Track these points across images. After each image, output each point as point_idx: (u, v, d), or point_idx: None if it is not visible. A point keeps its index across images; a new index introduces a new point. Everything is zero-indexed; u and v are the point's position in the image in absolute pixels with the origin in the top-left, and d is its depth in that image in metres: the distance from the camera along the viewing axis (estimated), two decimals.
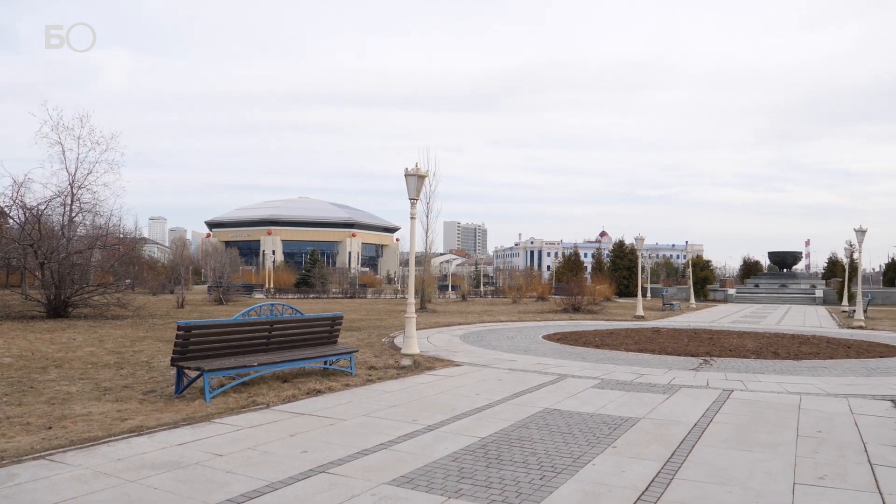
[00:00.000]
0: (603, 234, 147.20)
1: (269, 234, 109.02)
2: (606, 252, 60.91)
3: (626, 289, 51.02)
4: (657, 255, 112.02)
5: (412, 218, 12.11)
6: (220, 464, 5.60)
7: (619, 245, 57.46)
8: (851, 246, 29.88)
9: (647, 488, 5.13)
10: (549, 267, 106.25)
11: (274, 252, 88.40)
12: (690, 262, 44.62)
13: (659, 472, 5.57)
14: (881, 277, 63.12)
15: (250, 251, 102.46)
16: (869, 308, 32.97)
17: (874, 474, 5.57)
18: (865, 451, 6.33)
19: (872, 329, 22.30)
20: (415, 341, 11.75)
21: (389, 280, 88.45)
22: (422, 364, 11.53)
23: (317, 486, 5.10)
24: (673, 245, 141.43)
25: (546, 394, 9.14)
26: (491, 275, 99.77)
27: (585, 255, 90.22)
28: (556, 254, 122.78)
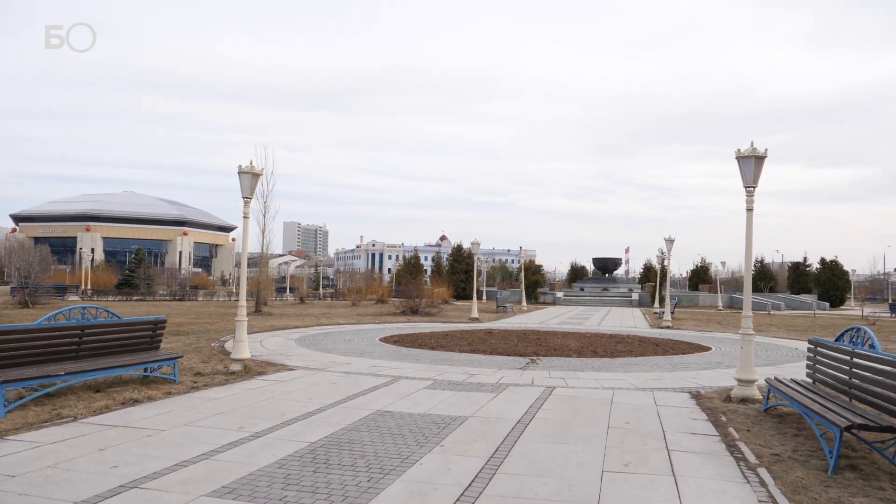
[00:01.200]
0: (443, 238, 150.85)
1: (88, 230, 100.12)
2: (446, 256, 62.39)
3: (464, 291, 52.61)
4: (493, 260, 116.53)
5: (245, 217, 11.67)
6: (13, 486, 5.04)
7: (458, 249, 59.14)
8: (662, 253, 32.99)
9: (470, 484, 5.30)
10: (389, 269, 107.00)
11: (93, 250, 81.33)
12: (523, 267, 46.86)
13: (483, 467, 5.78)
14: (687, 282, 70.25)
15: (65, 249, 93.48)
16: (676, 309, 36.48)
17: (670, 459, 6.16)
18: (664, 438, 6.98)
19: (678, 329, 24.68)
20: (245, 345, 11.31)
21: (224, 281, 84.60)
22: (252, 369, 11.13)
23: (127, 503, 4.74)
24: (508, 250, 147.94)
25: (379, 396, 9.17)
26: (331, 277, 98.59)
27: (426, 258, 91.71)
28: (398, 256, 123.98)
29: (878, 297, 77.09)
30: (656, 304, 40.95)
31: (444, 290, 42.91)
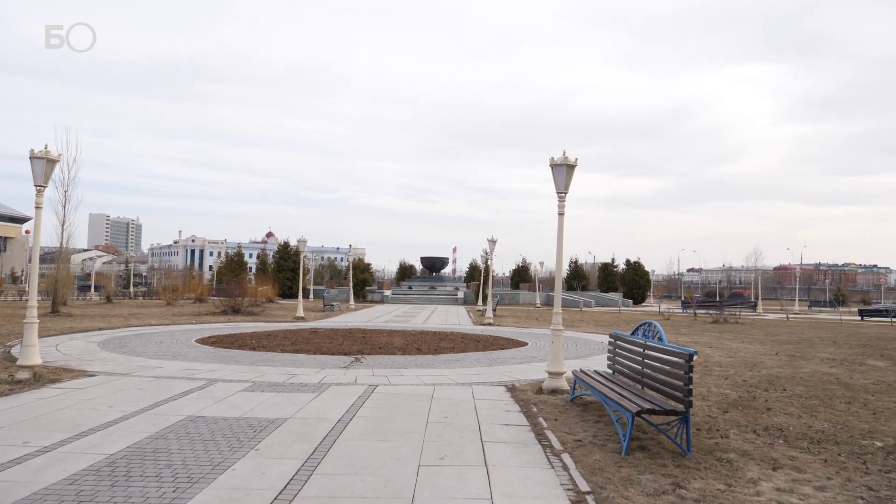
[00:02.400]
0: (270, 234, 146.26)
1: None
2: (272, 253, 60.52)
3: (291, 290, 51.31)
4: (323, 258, 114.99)
5: (38, 208, 10.48)
6: None
7: (285, 246, 57.58)
8: (486, 254, 34.32)
9: (285, 487, 5.15)
10: (210, 267, 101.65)
11: None
12: (352, 265, 46.68)
13: (299, 469, 5.64)
14: (510, 281, 73.86)
15: None
16: (498, 307, 38.20)
17: (484, 450, 6.41)
18: (480, 430, 7.26)
19: (499, 325, 25.86)
20: (36, 350, 10.16)
21: (14, 279, 75.75)
22: (44, 377, 10.03)
23: None
24: (338, 248, 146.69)
25: (192, 401, 8.66)
26: (145, 274, 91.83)
27: (251, 255, 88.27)
28: (220, 253, 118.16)
29: (673, 294, 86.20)
30: (480, 301, 42.61)
31: (269, 289, 41.59)
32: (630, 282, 62.52)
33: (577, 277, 65.92)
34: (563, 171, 10.23)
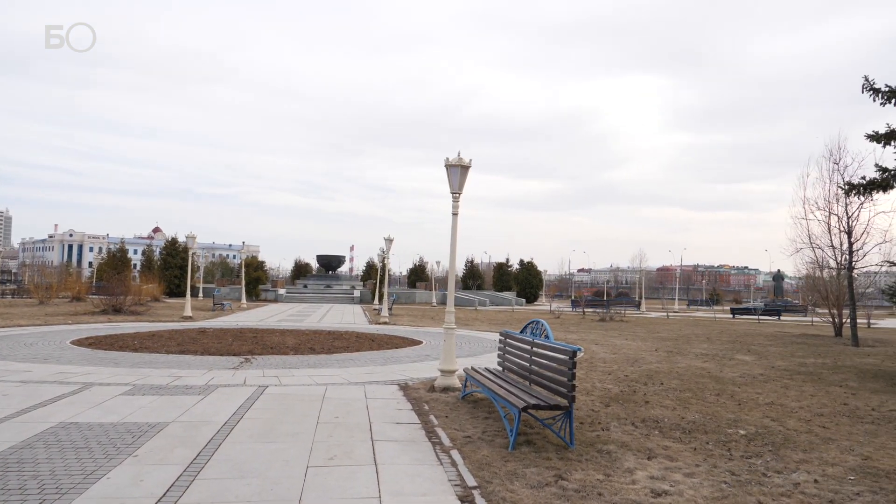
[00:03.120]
0: (156, 230, 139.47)
1: None
2: (159, 249, 57.73)
3: (178, 288, 49.17)
4: (214, 255, 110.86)
5: None
6: None
7: (173, 242, 55.05)
8: (383, 252, 34.22)
9: (164, 494, 4.94)
10: (90, 263, 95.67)
11: None
12: (244, 263, 45.29)
13: (181, 475, 5.43)
14: (407, 280, 74.09)
15: None
16: (394, 306, 38.22)
17: (374, 449, 6.42)
18: (371, 429, 7.25)
19: (395, 324, 25.89)
20: None
21: None
22: None
23: None
24: (230, 245, 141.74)
25: (64, 406, 8.13)
26: (14, 271, 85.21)
27: (135, 251, 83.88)
28: (101, 249, 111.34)
29: (564, 293, 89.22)
30: (376, 300, 42.46)
31: (154, 287, 39.62)
32: (524, 281, 64.23)
33: (472, 277, 67.02)
34: (458, 171, 10.38)
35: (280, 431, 7.08)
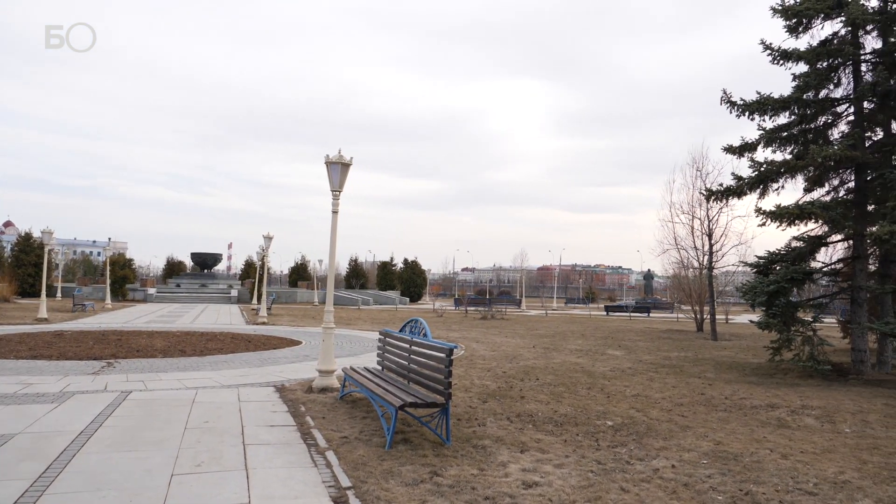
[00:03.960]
0: (8, 224, 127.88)
1: None
2: (10, 245, 53.00)
3: (33, 288, 45.34)
4: (75, 252, 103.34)
5: None
6: None
7: (27, 238, 50.66)
8: (263, 250, 33.17)
9: None
10: None
11: None
12: (109, 261, 42.46)
13: (26, 490, 4.97)
14: (288, 278, 72.30)
15: None
16: (274, 306, 37.18)
17: (246, 453, 6.17)
18: (243, 434, 6.98)
19: (273, 325, 25.17)
20: None
21: None
22: None
23: None
24: (94, 241, 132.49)
25: None
26: None
27: None
28: None
29: (448, 292, 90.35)
30: (255, 300, 41.13)
31: (5, 287, 36.37)
32: (408, 280, 64.43)
33: (356, 276, 66.47)
34: (339, 169, 10.22)
35: (143, 439, 6.66)
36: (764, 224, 13.81)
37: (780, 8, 14.48)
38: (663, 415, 8.71)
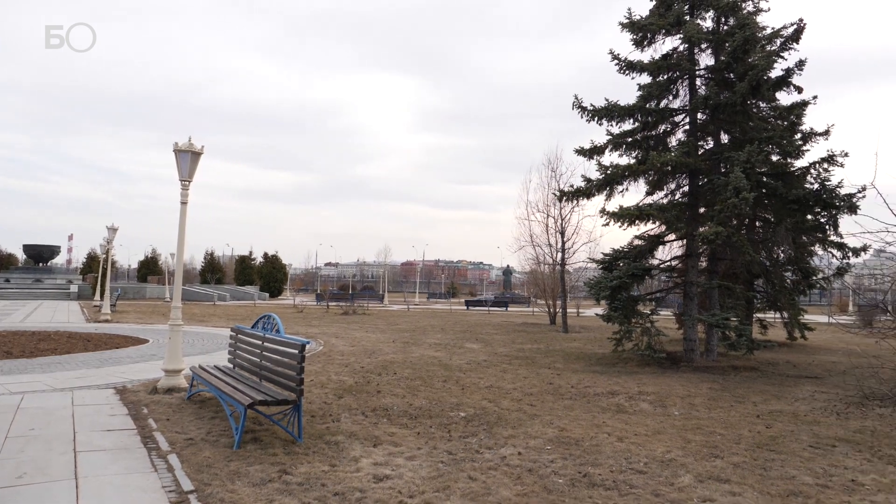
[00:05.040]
0: None
1: None
2: None
3: None
4: None
5: None
6: None
7: None
8: (107, 242, 30.89)
9: None
10: None
11: None
12: None
13: None
14: (136, 273, 67.82)
15: None
16: (120, 302, 34.79)
17: (76, 461, 5.72)
18: (75, 440, 6.46)
19: (118, 322, 23.52)
20: None
21: None
22: None
23: None
24: None
25: None
26: None
27: None
28: None
29: (310, 288, 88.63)
30: (98, 296, 38.25)
31: None
32: (267, 275, 62.57)
33: (212, 270, 63.66)
34: (188, 157, 9.72)
35: None
36: (608, 224, 14.72)
37: (627, 22, 15.48)
38: (513, 404, 9.06)
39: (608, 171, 15.25)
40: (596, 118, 15.70)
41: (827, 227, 15.61)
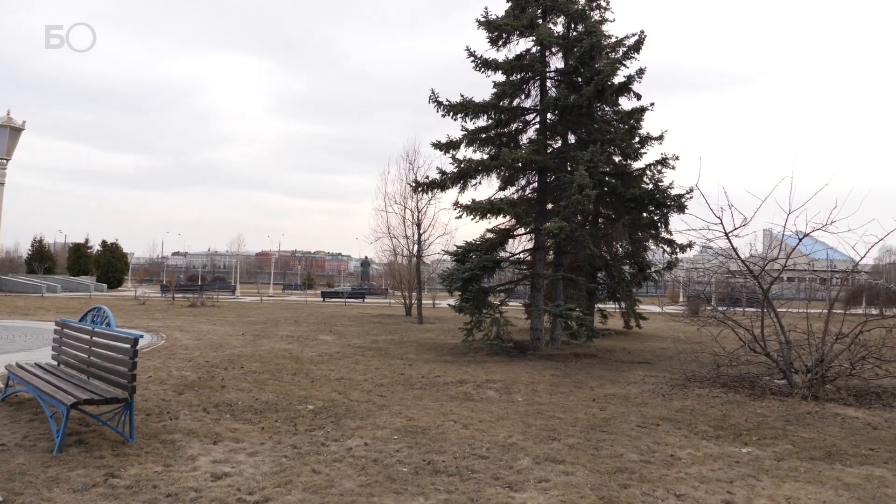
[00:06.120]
0: None
1: None
2: None
3: None
4: None
5: None
6: None
7: None
8: None
9: None
10: None
11: None
12: None
13: None
14: None
15: None
16: None
17: None
18: None
19: None
20: None
21: None
22: None
23: None
24: None
25: None
26: None
27: None
28: None
29: (155, 278, 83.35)
30: None
31: None
32: (106, 265, 58.03)
33: (41, 259, 58.09)
34: (6, 133, 8.82)
35: None
36: (461, 216, 15.07)
37: (484, 21, 15.85)
38: (363, 396, 9.04)
39: (462, 166, 15.59)
40: (451, 113, 15.96)
41: (659, 224, 17.00)
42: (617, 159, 17.36)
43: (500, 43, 16.25)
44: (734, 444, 6.87)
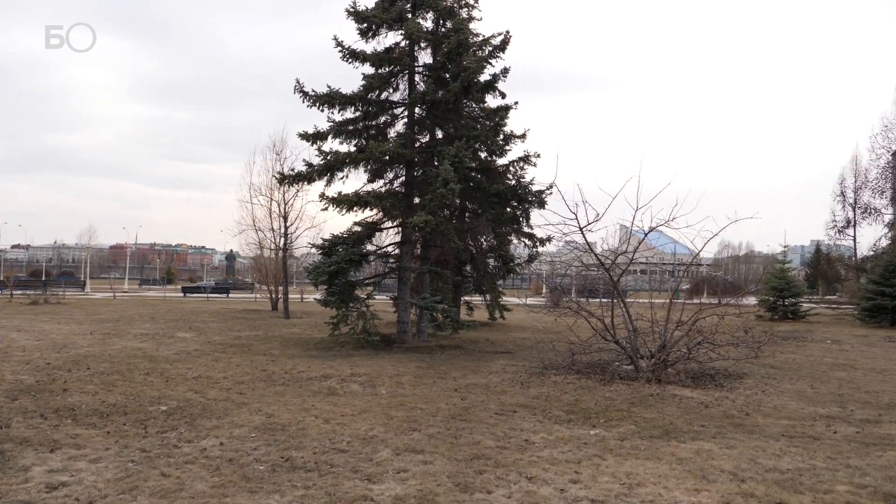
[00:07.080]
0: None
1: None
2: None
3: None
4: None
5: None
6: None
7: None
8: None
9: None
10: None
11: None
12: None
13: None
14: None
15: None
16: None
17: None
18: None
19: None
20: None
21: None
22: None
23: None
24: None
25: None
26: None
27: None
28: None
29: None
30: None
31: None
32: None
33: None
34: None
35: None
36: (327, 209, 14.87)
37: (352, 10, 15.65)
38: (222, 394, 8.73)
39: (329, 158, 15.40)
40: (318, 104, 15.68)
41: (521, 218, 17.66)
42: (482, 155, 17.79)
43: (370, 35, 16.12)
44: (583, 426, 7.30)
